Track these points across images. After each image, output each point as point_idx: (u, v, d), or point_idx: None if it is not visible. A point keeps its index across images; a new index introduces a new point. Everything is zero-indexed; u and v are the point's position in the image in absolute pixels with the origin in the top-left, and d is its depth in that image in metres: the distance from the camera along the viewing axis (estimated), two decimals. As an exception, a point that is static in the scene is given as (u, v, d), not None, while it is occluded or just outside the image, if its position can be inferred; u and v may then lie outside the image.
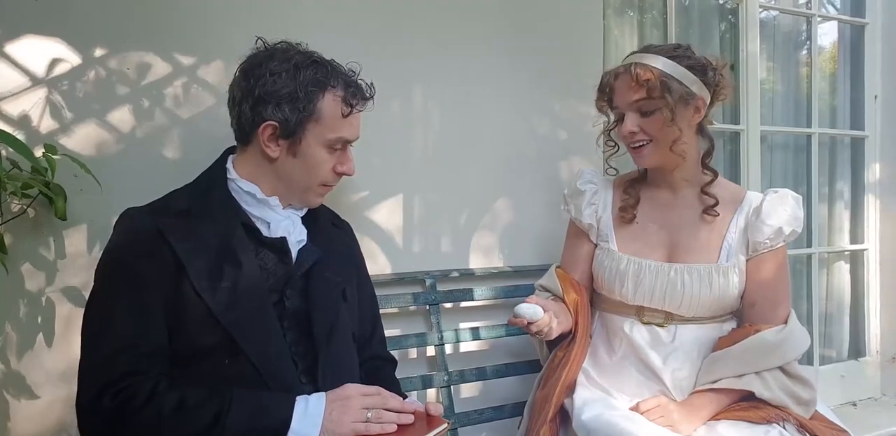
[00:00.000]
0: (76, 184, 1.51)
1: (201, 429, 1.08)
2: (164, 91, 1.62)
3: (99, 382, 1.12)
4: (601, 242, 1.73)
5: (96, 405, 1.10)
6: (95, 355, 1.15)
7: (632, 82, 1.54)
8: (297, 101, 1.26)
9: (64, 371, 1.53)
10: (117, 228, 1.26)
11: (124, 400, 1.10)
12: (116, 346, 1.14)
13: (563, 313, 1.64)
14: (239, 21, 1.68)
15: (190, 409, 1.10)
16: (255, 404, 1.13)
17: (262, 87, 1.25)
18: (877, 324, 2.94)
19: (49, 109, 1.50)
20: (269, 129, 1.27)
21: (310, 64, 1.28)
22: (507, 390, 2.01)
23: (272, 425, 1.11)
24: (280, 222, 1.34)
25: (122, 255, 1.20)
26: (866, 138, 2.93)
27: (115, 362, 1.13)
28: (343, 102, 1.30)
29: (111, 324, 1.15)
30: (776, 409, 1.52)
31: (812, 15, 2.83)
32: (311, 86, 1.27)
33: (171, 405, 1.10)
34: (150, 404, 1.10)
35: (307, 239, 1.37)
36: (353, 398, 1.17)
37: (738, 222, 1.63)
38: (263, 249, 1.29)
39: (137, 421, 1.09)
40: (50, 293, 1.52)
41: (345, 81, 1.31)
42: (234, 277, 1.21)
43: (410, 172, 1.93)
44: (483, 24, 2.03)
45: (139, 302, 1.16)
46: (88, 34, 1.54)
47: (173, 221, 1.23)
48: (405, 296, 1.85)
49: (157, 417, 1.09)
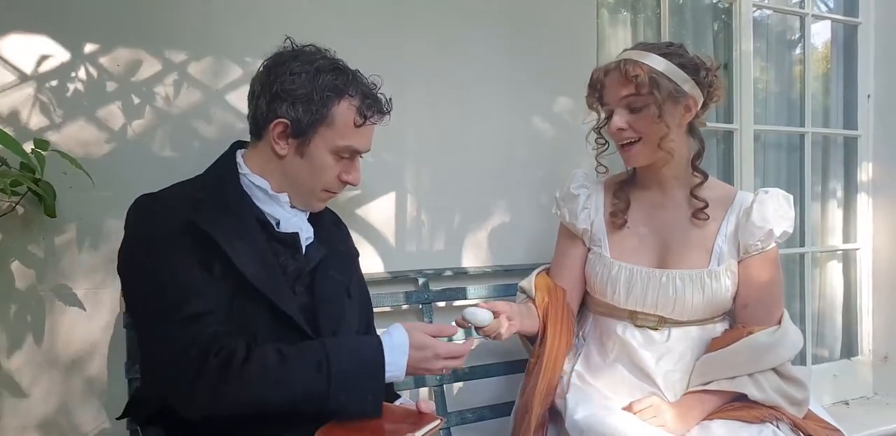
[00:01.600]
0: (66, 181, 1.49)
1: (309, 376, 1.12)
2: (154, 88, 1.61)
3: (196, 346, 1.10)
4: (594, 247, 1.72)
5: (203, 367, 1.08)
6: (176, 326, 1.12)
7: (621, 78, 1.53)
8: (312, 103, 1.26)
9: (53, 369, 1.53)
10: (140, 211, 1.24)
11: (227, 357, 1.09)
12: (195, 311, 1.13)
13: (530, 317, 1.65)
14: (233, 18, 1.68)
15: (291, 359, 1.13)
16: (348, 348, 1.19)
17: (281, 84, 1.26)
18: (869, 323, 2.95)
19: (38, 106, 1.49)
20: (280, 126, 1.28)
21: (331, 69, 1.29)
22: (500, 389, 2.00)
23: (369, 361, 1.17)
24: (290, 219, 1.35)
25: (158, 232, 1.18)
26: (859, 138, 2.93)
27: (202, 326, 1.12)
28: (357, 112, 1.30)
29: (179, 293, 1.14)
30: (770, 408, 1.52)
31: (805, 14, 2.83)
32: (328, 91, 1.27)
33: (273, 358, 1.12)
34: (253, 358, 1.11)
35: (313, 237, 1.38)
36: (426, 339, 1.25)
37: (729, 224, 1.63)
38: (276, 244, 1.30)
39: (247, 376, 1.09)
40: (41, 291, 1.51)
41: (363, 92, 1.32)
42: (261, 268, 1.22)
43: (404, 171, 1.93)
44: (478, 23, 2.02)
45: (191, 269, 1.16)
46: (78, 30, 1.52)
47: (195, 208, 1.22)
48: (397, 295, 1.84)
49: (264, 369, 1.11)
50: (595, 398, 1.58)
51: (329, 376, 1.13)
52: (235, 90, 1.68)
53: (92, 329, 1.56)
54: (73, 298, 1.53)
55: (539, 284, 1.72)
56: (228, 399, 1.10)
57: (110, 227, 1.55)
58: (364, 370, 1.17)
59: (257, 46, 1.68)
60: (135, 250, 1.21)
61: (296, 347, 1.16)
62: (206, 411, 1.12)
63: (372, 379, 1.17)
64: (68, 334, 1.54)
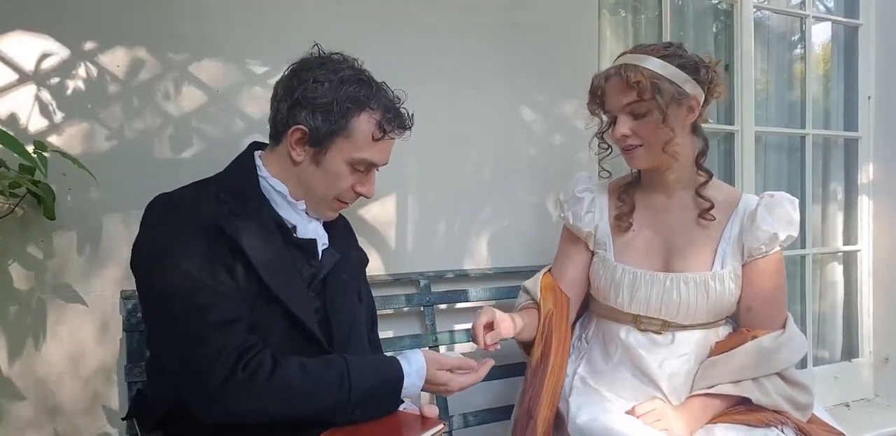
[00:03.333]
0: (65, 183, 1.49)
1: (332, 390, 1.14)
2: (155, 89, 1.60)
3: (226, 354, 1.10)
4: (598, 250, 1.71)
5: (231, 377, 1.09)
6: (210, 329, 1.11)
7: (622, 85, 1.52)
8: (331, 113, 1.25)
9: (54, 373, 1.51)
10: (163, 210, 1.22)
11: (254, 370, 1.10)
12: (226, 316, 1.13)
13: (529, 327, 1.64)
14: (233, 18, 1.67)
15: (314, 372, 1.15)
16: (368, 364, 1.22)
17: (303, 91, 1.25)
18: (870, 325, 2.95)
19: (37, 107, 1.48)
20: (297, 132, 1.27)
21: (355, 81, 1.28)
22: (503, 391, 1.99)
23: (389, 378, 1.21)
24: (307, 225, 1.34)
25: (184, 232, 1.16)
26: (860, 139, 2.93)
27: (233, 333, 1.12)
28: (377, 126, 1.29)
29: (211, 296, 1.13)
30: (774, 412, 1.51)
31: (806, 16, 2.83)
32: (350, 102, 1.26)
33: (296, 371, 1.13)
34: (279, 371, 1.12)
35: (328, 243, 1.38)
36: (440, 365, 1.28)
37: (734, 227, 1.61)
38: (293, 249, 1.30)
39: (272, 390, 1.11)
40: (40, 294, 1.50)
41: (385, 106, 1.30)
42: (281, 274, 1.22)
43: (405, 172, 1.92)
44: (478, 24, 2.01)
45: (220, 274, 1.15)
46: (78, 29, 1.51)
47: (217, 207, 1.21)
48: (399, 297, 1.83)
49: (289, 384, 1.12)
50: (598, 402, 1.57)
51: (350, 391, 1.15)
52: (237, 91, 1.68)
53: (92, 332, 1.54)
54: (73, 300, 1.52)
55: (545, 292, 1.70)
56: (250, 410, 1.11)
57: (110, 229, 1.54)
58: (384, 387, 1.20)
59: (258, 48, 1.69)
60: (160, 249, 1.17)
61: (319, 360, 1.17)
62: (226, 417, 1.12)
63: (389, 396, 1.21)
64: (68, 336, 1.52)
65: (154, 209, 1.23)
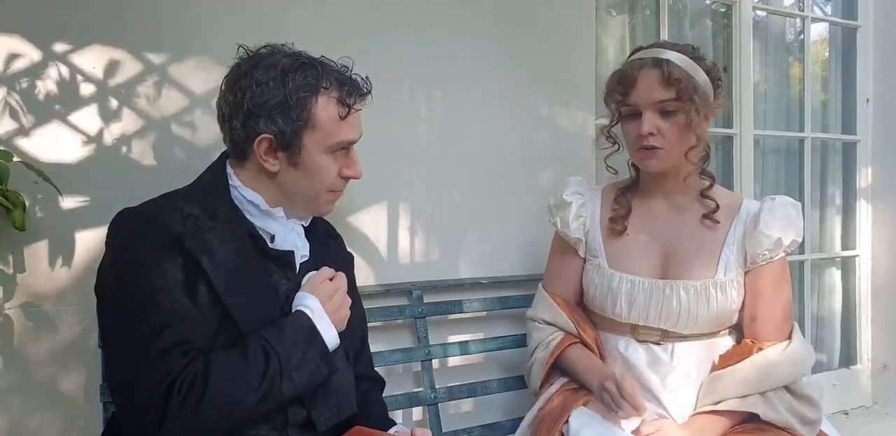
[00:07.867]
0: (36, 190, 1.41)
1: (262, 370, 1.10)
2: (133, 91, 1.53)
3: (163, 384, 1.05)
4: (590, 258, 1.65)
5: (167, 409, 1.05)
6: (147, 364, 1.07)
7: (661, 79, 1.45)
8: (290, 109, 1.18)
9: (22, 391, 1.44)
10: (121, 229, 1.17)
11: (189, 387, 1.06)
12: (171, 342, 1.08)
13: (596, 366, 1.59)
14: (217, 18, 1.61)
15: (239, 361, 1.10)
16: (278, 329, 1.15)
17: (251, 99, 1.18)
18: (868, 332, 2.93)
19: (7, 111, 1.41)
20: (264, 142, 1.20)
21: (297, 67, 1.20)
22: (498, 406, 1.95)
23: (302, 335, 1.16)
24: (286, 235, 1.28)
25: (141, 253, 1.12)
26: (858, 142, 2.92)
27: (174, 359, 1.07)
28: (339, 103, 1.22)
29: (159, 320, 1.08)
30: (781, 430, 1.47)
31: (805, 17, 2.81)
32: (303, 91, 1.19)
33: (222, 371, 1.08)
34: (210, 378, 1.07)
35: (308, 254, 1.31)
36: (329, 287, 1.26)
37: (736, 232, 1.57)
38: (268, 262, 1.24)
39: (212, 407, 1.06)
40: (8, 310, 1.42)
41: (338, 80, 1.23)
42: (249, 292, 1.18)
43: (396, 178, 1.87)
44: (471, 26, 1.96)
45: (175, 295, 1.11)
46: (50, 28, 1.45)
47: (182, 224, 1.15)
48: (390, 309, 1.77)
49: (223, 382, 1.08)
50: (599, 421, 1.50)
51: (278, 358, 1.11)
52: (220, 94, 1.61)
53: (63, 349, 1.48)
54: (44, 316, 1.45)
55: (575, 316, 1.65)
56: (204, 431, 1.08)
57: (84, 240, 1.47)
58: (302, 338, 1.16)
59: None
60: (114, 273, 1.14)
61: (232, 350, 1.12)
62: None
63: (312, 344, 1.17)
64: (38, 354, 1.45)
65: (115, 228, 1.17)
